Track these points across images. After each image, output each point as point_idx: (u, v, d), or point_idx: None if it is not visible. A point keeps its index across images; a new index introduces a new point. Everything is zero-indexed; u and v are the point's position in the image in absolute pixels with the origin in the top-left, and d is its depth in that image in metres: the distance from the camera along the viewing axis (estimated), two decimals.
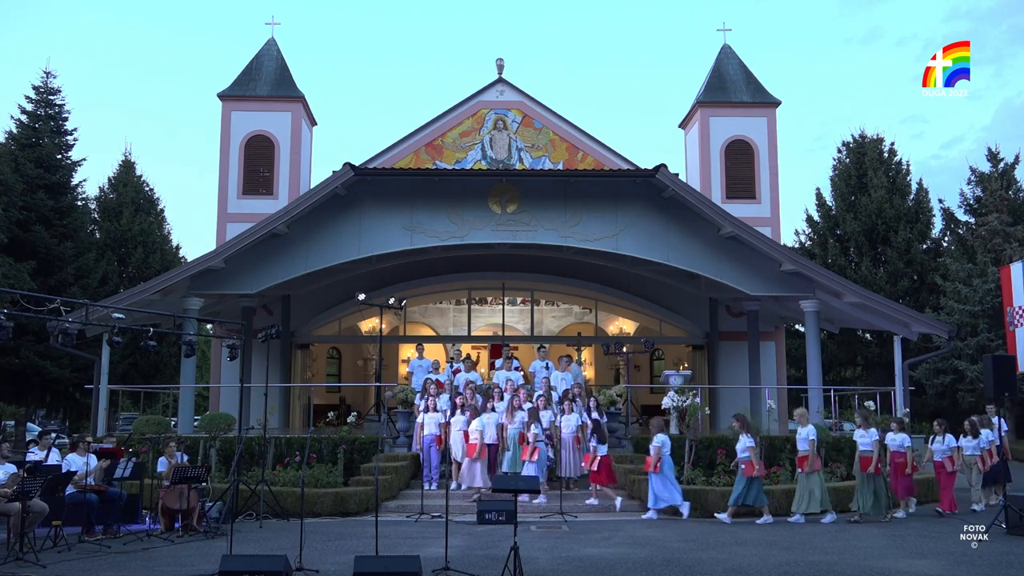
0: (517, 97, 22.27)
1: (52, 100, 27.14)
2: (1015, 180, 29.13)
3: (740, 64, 23.57)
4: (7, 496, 9.48)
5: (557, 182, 16.68)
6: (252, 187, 21.96)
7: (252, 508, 12.08)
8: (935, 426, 13.15)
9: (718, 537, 10.51)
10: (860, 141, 32.34)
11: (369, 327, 22.96)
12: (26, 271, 23.03)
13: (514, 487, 8.90)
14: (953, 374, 25.69)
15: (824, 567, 8.53)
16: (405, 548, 9.50)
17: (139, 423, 14.80)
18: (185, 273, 16.29)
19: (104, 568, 8.73)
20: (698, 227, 16.54)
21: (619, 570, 8.41)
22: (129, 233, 30.52)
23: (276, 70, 22.96)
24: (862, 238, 30.21)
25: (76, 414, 29.24)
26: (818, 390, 16.97)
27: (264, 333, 12.55)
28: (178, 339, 14.59)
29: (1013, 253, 25.10)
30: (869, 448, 12.02)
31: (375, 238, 16.46)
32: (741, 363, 20.47)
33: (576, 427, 13.46)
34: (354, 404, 22.78)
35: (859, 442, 12.27)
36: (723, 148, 22.39)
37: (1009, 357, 12.48)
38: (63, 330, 11.66)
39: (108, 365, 16.28)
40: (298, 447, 14.03)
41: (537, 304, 23.63)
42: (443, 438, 13.58)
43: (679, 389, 15.71)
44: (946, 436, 12.80)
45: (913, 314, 17.28)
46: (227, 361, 14.06)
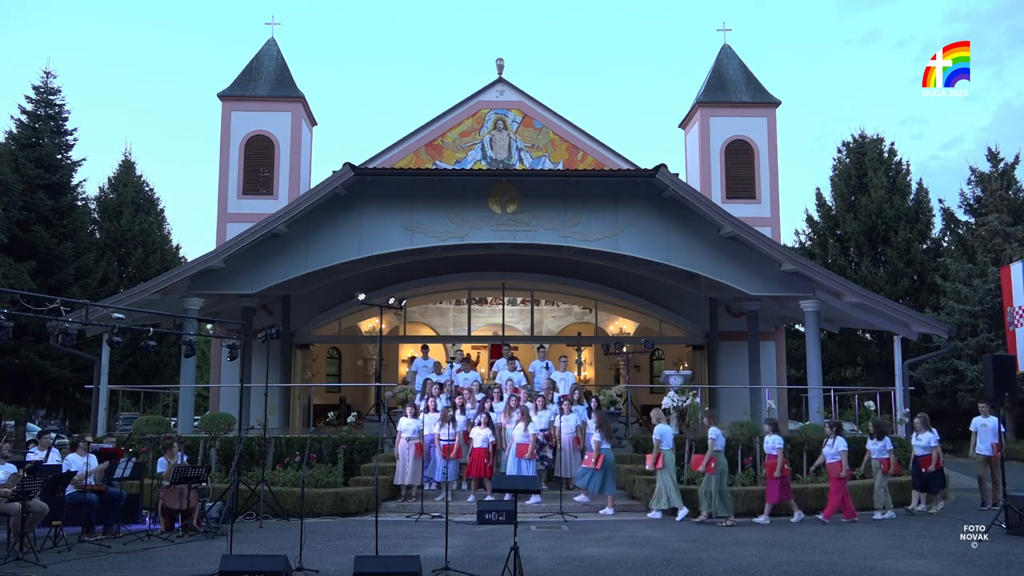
0: (517, 97, 22.27)
1: (52, 100, 27.13)
2: (1015, 180, 29.11)
3: (740, 64, 23.56)
4: (7, 496, 9.48)
5: (557, 182, 16.68)
6: (252, 187, 21.96)
7: (252, 508, 12.08)
8: (827, 428, 12.59)
9: (718, 537, 10.51)
10: (860, 141, 32.33)
11: (369, 327, 22.96)
12: (26, 271, 23.03)
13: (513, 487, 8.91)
14: (953, 374, 25.69)
15: (824, 567, 8.53)
16: (405, 548, 9.50)
17: (139, 423, 14.79)
18: (185, 273, 16.28)
19: (104, 568, 8.73)
20: (698, 227, 16.54)
21: (619, 570, 8.41)
22: (129, 233, 30.52)
23: (276, 70, 22.96)
24: (862, 238, 30.21)
25: (76, 414, 29.23)
26: (818, 390, 16.97)
27: (264, 333, 12.55)
28: (178, 339, 14.59)
29: (1013, 253, 25.09)
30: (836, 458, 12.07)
31: (375, 238, 16.45)
32: (741, 363, 20.47)
33: (575, 427, 13.45)
34: (354, 404, 22.77)
35: (825, 452, 12.26)
36: (723, 148, 22.38)
37: (1009, 357, 12.46)
38: (63, 330, 11.66)
39: (108, 365, 16.27)
40: (298, 447, 14.03)
41: (537, 304, 23.63)
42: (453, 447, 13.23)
43: (679, 389, 15.71)
44: (836, 439, 12.13)
45: (913, 314, 17.27)
46: (227, 361, 14.05)
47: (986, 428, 13.24)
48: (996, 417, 13.17)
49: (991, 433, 13.16)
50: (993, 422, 13.17)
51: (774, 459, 12.00)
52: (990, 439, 13.10)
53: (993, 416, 13.22)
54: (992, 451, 13.03)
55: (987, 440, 13.12)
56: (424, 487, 13.07)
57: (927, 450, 12.69)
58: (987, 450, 13.12)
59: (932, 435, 12.87)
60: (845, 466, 12.00)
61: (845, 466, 12.00)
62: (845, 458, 12.02)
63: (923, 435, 12.86)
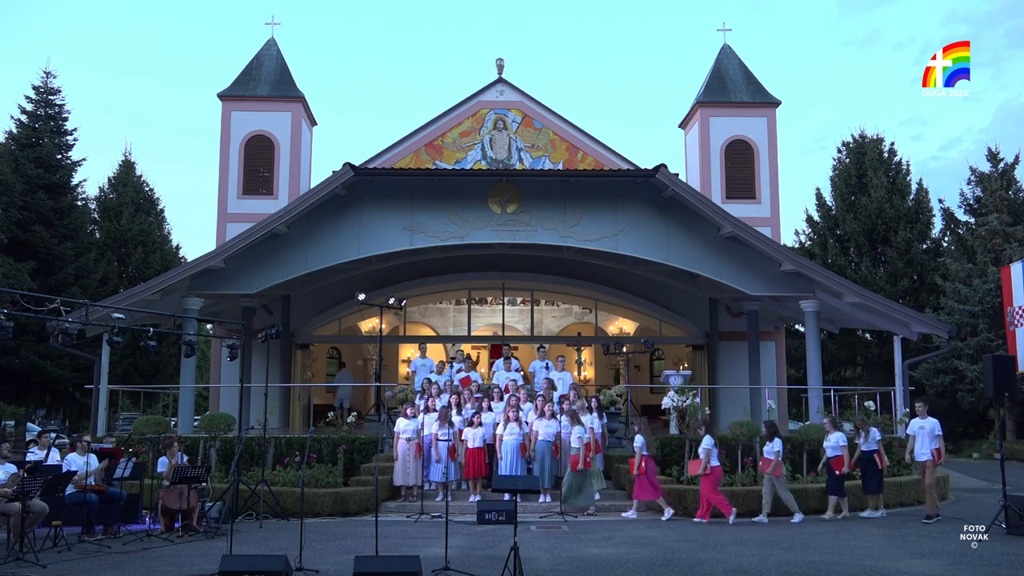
0: (517, 97, 22.26)
1: (52, 100, 27.16)
2: (1015, 180, 29.11)
3: (740, 64, 23.56)
4: (7, 496, 9.48)
5: (557, 182, 16.67)
6: (252, 187, 21.96)
7: (252, 508, 12.08)
8: (824, 423, 12.46)
9: (718, 537, 10.51)
10: (860, 141, 32.33)
11: (369, 327, 22.95)
12: (26, 271, 23.03)
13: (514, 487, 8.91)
14: (953, 374, 25.70)
15: (824, 567, 8.53)
16: (405, 548, 9.50)
17: (139, 423, 14.79)
18: (185, 273, 16.28)
19: (104, 568, 8.73)
20: (698, 227, 16.53)
21: (619, 570, 8.41)
22: (129, 233, 30.52)
23: (276, 70, 22.96)
24: (862, 238, 30.21)
25: (76, 414, 29.23)
26: (818, 390, 16.97)
27: (264, 333, 12.55)
28: (178, 339, 14.58)
29: (1013, 253, 25.09)
30: (838, 452, 12.27)
31: (375, 238, 16.45)
32: (741, 363, 20.46)
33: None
34: (354, 404, 22.76)
35: (826, 446, 12.43)
36: (723, 148, 22.38)
37: (1009, 357, 12.37)
38: (63, 330, 11.66)
39: (108, 365, 16.26)
40: (298, 447, 14.03)
41: (537, 304, 23.62)
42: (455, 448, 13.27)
43: (679, 389, 15.71)
44: (574, 427, 12.36)
45: (913, 314, 17.26)
46: (227, 361, 14.06)
47: (923, 431, 12.23)
48: (935, 419, 12.28)
49: (929, 436, 12.15)
50: (931, 424, 12.21)
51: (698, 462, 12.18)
52: (929, 444, 12.10)
53: (931, 418, 12.32)
54: (932, 456, 12.03)
55: (926, 445, 12.11)
56: (424, 487, 13.08)
57: (837, 451, 12.31)
58: (926, 455, 12.07)
59: (840, 436, 12.43)
60: (847, 460, 12.20)
61: (847, 460, 12.20)
62: (846, 453, 12.25)
63: (832, 436, 12.47)
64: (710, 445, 12.11)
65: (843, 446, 12.38)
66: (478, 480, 13.20)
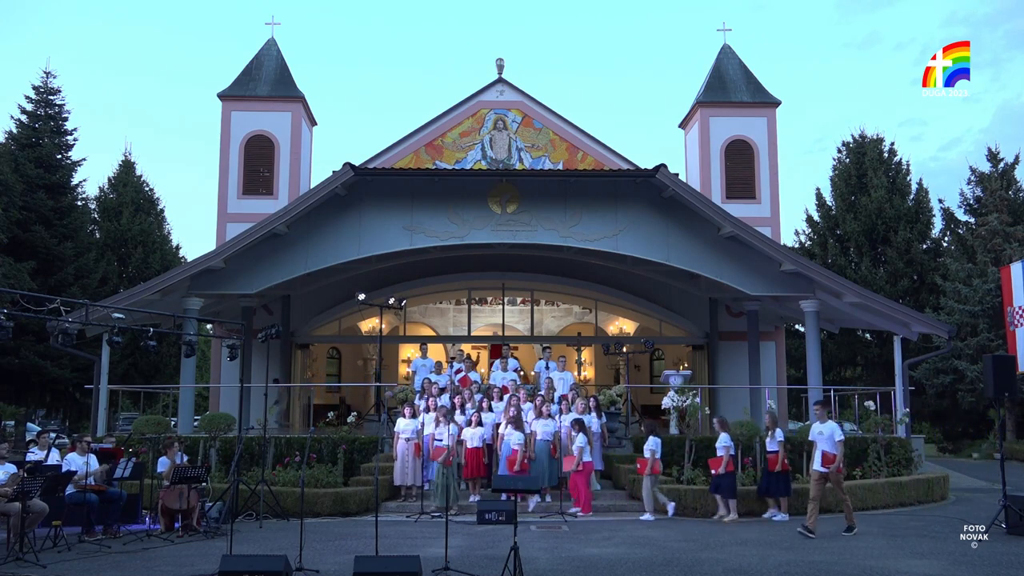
0: (517, 97, 22.26)
1: (52, 100, 27.16)
2: (1015, 180, 29.12)
3: (740, 64, 23.55)
4: (7, 496, 9.47)
5: (557, 182, 16.67)
6: (252, 187, 21.96)
7: (252, 508, 12.08)
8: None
9: (718, 537, 10.51)
10: (860, 141, 32.34)
11: (369, 327, 22.95)
12: (26, 271, 23.03)
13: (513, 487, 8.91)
14: (953, 374, 25.69)
15: (824, 567, 8.52)
16: (405, 548, 9.50)
17: (139, 423, 14.80)
18: (185, 273, 16.28)
19: (104, 568, 8.72)
20: (698, 227, 16.53)
21: (619, 570, 8.41)
22: (129, 233, 30.53)
23: (276, 70, 22.95)
24: (862, 238, 30.21)
25: (76, 414, 29.23)
26: (818, 390, 16.94)
27: (264, 333, 12.55)
28: (178, 339, 14.58)
29: (1013, 253, 25.09)
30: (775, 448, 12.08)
31: (375, 238, 16.45)
32: (741, 363, 20.46)
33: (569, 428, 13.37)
34: (354, 404, 22.77)
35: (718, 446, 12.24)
36: (723, 148, 22.37)
37: (1009, 357, 12.38)
38: (63, 330, 11.66)
39: (108, 365, 16.26)
40: (298, 447, 14.03)
41: (537, 304, 23.62)
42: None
43: (679, 389, 15.71)
44: (578, 435, 12.33)
45: (913, 314, 17.25)
46: (227, 361, 14.06)
47: (822, 436, 10.70)
48: (834, 423, 10.89)
49: (828, 443, 10.59)
50: (830, 429, 10.65)
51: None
52: (831, 450, 10.54)
53: (831, 421, 10.88)
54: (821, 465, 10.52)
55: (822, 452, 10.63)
56: (424, 487, 13.07)
57: (720, 450, 12.13)
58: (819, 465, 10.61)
59: (727, 436, 12.23)
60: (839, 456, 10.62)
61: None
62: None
63: (722, 435, 12.28)
64: (729, 443, 12.18)
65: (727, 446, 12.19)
66: (478, 480, 13.19)
